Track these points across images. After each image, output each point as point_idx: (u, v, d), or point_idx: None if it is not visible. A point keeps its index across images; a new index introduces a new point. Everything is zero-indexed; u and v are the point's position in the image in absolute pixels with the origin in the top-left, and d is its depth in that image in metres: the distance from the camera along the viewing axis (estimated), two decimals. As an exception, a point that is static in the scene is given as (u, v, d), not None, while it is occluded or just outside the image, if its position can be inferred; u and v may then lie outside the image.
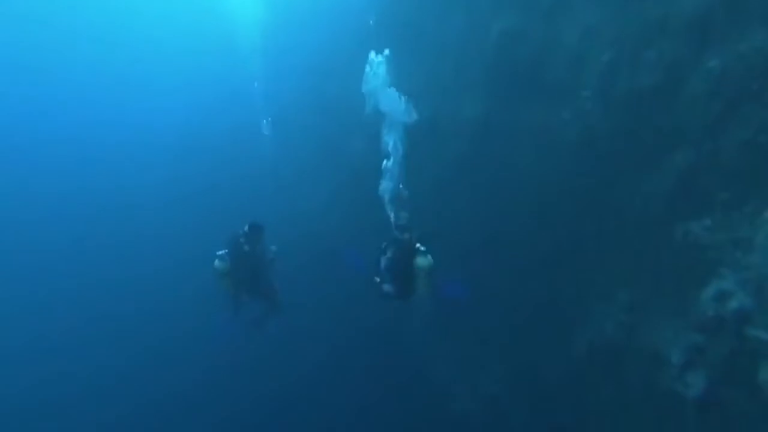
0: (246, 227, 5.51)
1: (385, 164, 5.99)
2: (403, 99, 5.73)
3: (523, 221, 5.94)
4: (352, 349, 8.28)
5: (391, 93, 5.84)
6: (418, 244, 4.82)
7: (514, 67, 5.95)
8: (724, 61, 4.02)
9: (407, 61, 6.54)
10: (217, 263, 5.40)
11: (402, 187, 5.90)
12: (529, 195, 5.81)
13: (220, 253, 5.42)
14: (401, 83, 5.94)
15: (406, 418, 7.50)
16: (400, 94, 5.76)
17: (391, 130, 5.92)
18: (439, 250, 4.95)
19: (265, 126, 10.24)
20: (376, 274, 5.17)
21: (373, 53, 6.14)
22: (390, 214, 5.76)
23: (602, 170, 5.12)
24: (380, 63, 6.06)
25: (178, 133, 13.07)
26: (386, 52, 6.01)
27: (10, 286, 11.60)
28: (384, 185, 5.97)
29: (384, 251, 5.12)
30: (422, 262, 4.72)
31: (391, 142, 5.91)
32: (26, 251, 12.45)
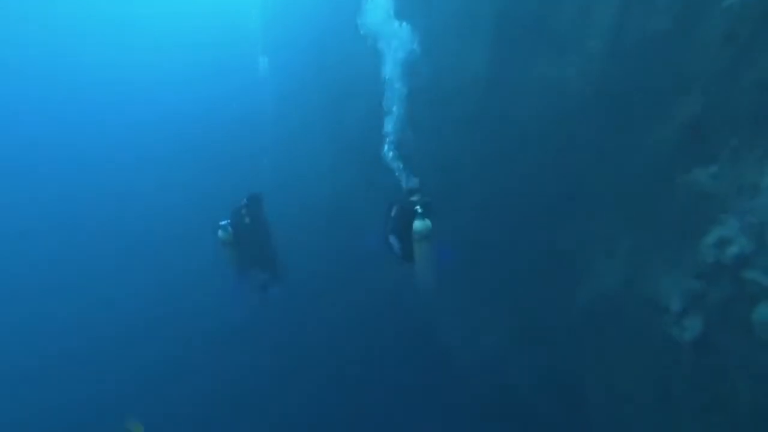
0: (245, 199, 5.63)
1: (387, 105, 5.94)
2: (404, 27, 5.58)
3: (526, 177, 5.89)
4: (356, 310, 8.45)
5: (392, 25, 5.70)
6: (418, 207, 4.79)
7: (519, 20, 5.74)
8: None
9: (407, 20, 6.36)
10: (221, 233, 5.55)
11: (402, 138, 5.83)
12: (532, 150, 5.74)
13: (223, 223, 5.57)
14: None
15: (409, 377, 7.72)
16: (401, 22, 5.61)
17: (390, 65, 5.80)
18: (443, 210, 4.94)
19: (262, 65, 10.07)
20: (385, 233, 5.21)
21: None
22: (396, 169, 5.74)
23: (607, 123, 5.01)
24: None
25: (178, 100, 13.00)
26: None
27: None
28: (388, 129, 5.92)
29: (390, 212, 5.14)
30: (418, 225, 4.68)
31: (394, 81, 5.81)
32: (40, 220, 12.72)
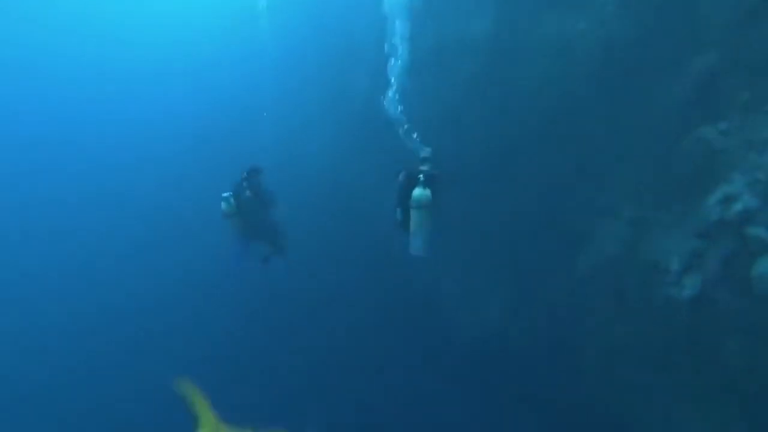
0: (245, 172, 5.69)
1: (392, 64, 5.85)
2: None
3: (531, 142, 5.75)
4: (359, 282, 8.50)
5: None
6: (421, 176, 4.77)
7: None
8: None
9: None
10: (223, 205, 5.66)
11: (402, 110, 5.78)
12: (538, 113, 5.58)
13: (225, 195, 5.67)
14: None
15: (412, 349, 7.77)
16: None
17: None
18: (450, 179, 4.90)
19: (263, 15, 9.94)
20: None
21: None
22: (399, 125, 5.71)
23: (616, 82, 4.82)
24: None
25: (180, 74, 13.02)
26: None
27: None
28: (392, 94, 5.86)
29: (397, 179, 5.14)
30: (416, 193, 4.68)
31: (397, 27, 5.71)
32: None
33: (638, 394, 4.45)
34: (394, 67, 6.16)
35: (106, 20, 14.34)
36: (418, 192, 4.67)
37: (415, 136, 5.84)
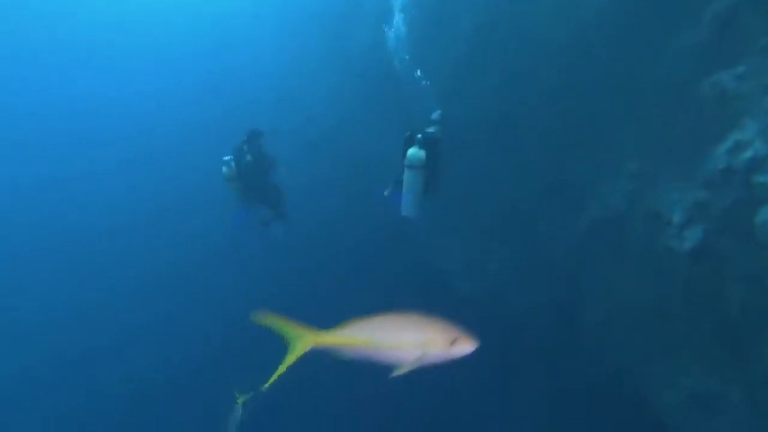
0: (245, 135, 5.57)
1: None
2: None
3: (537, 94, 5.56)
4: (358, 241, 8.52)
5: None
6: (420, 135, 4.66)
7: None
8: None
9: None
10: (224, 169, 5.56)
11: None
12: (544, 64, 5.36)
13: (226, 159, 5.55)
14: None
15: (411, 305, 7.87)
16: None
17: None
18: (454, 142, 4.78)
19: None
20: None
21: None
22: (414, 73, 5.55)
23: (628, 30, 4.56)
24: None
25: (179, 29, 12.74)
26: None
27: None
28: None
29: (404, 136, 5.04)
30: (411, 152, 4.57)
31: None
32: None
33: (637, 348, 4.50)
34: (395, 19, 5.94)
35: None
36: (412, 151, 4.57)
37: (426, 82, 5.65)
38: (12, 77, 13.92)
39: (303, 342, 1.80)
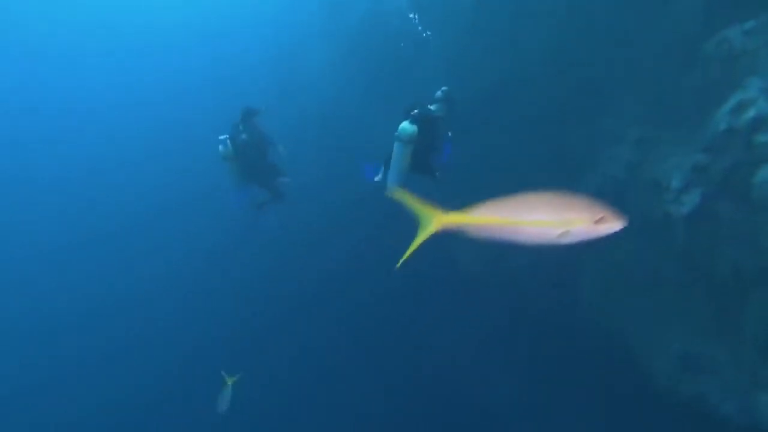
0: (241, 114, 5.43)
1: None
2: None
3: (540, 65, 5.37)
4: (359, 222, 8.44)
5: None
6: (416, 111, 4.47)
7: None
8: None
9: None
10: (221, 148, 5.41)
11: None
12: (546, 30, 5.15)
13: (222, 138, 5.40)
14: None
15: (409, 281, 7.84)
16: None
17: None
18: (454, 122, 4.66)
19: None
20: None
21: None
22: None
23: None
24: None
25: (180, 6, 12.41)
26: None
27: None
28: None
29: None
30: (402, 125, 4.35)
31: None
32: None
33: (632, 314, 4.51)
34: None
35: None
36: (403, 125, 4.36)
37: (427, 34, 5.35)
38: (11, 76, 13.75)
39: (436, 220, 1.67)
